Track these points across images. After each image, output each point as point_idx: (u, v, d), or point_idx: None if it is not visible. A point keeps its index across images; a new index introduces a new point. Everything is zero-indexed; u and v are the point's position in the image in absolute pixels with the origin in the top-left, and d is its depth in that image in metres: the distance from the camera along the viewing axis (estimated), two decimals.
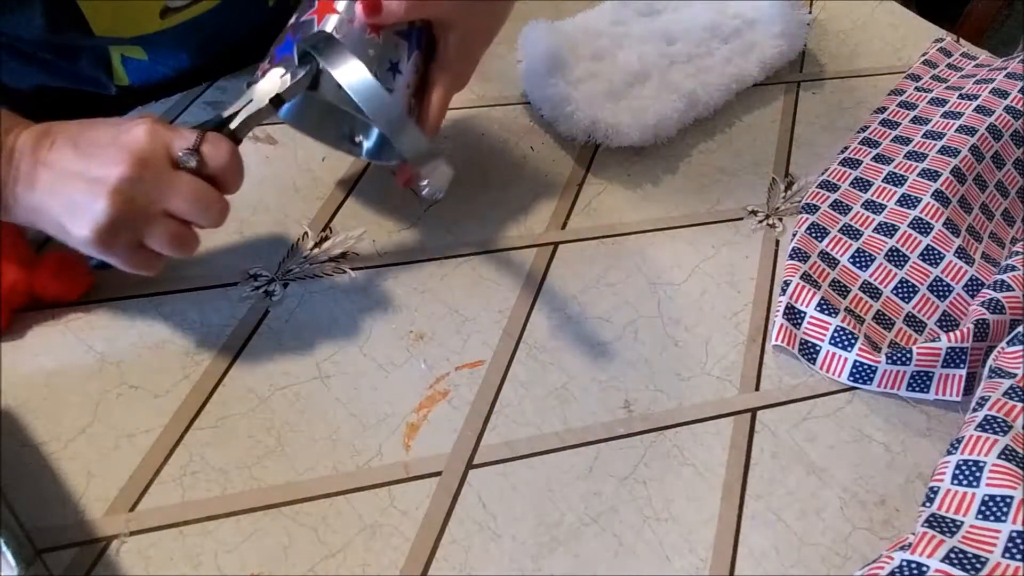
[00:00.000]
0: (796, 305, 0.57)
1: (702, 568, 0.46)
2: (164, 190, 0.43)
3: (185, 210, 0.44)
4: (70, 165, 0.43)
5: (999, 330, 0.53)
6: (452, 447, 0.50)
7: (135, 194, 0.42)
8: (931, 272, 0.59)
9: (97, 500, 0.46)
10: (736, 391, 0.54)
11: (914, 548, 0.43)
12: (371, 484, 0.48)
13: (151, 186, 0.43)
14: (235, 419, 0.49)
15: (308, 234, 0.60)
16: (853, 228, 0.62)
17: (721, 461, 0.50)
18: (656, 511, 0.48)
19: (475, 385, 0.53)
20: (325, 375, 0.52)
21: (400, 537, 0.46)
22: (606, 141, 0.67)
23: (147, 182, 0.43)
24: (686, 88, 0.69)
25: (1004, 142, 0.67)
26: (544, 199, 0.65)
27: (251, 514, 0.46)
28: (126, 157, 0.42)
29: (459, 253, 0.60)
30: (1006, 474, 0.43)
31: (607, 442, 0.51)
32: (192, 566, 0.44)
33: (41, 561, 0.43)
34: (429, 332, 0.55)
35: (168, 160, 0.44)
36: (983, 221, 0.63)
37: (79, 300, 0.54)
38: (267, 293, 0.56)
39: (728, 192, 0.67)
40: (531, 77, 0.70)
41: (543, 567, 0.45)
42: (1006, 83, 0.71)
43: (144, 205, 0.43)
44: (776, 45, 0.75)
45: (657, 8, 0.78)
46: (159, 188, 0.43)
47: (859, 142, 0.71)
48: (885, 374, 0.53)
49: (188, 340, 0.53)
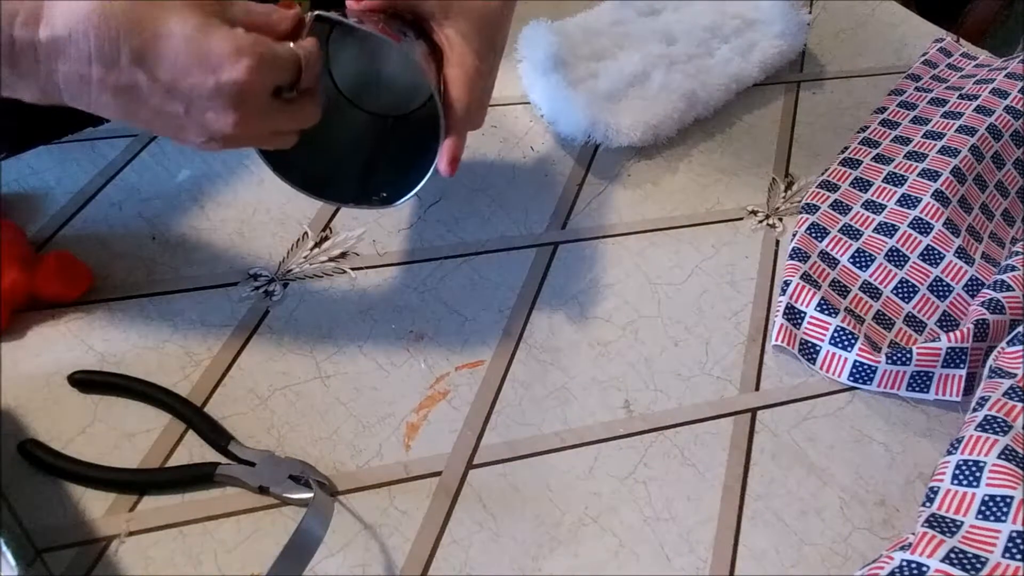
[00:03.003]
0: (796, 305, 0.57)
1: (702, 568, 0.46)
2: (269, 122, 0.43)
3: (293, 126, 0.44)
4: (161, 104, 0.39)
5: (999, 330, 0.53)
6: (452, 447, 0.50)
7: (242, 135, 0.42)
8: (931, 272, 0.59)
9: (97, 500, 0.46)
10: (736, 391, 0.54)
11: (914, 548, 0.43)
12: (371, 484, 0.48)
13: (259, 122, 0.42)
14: (235, 419, 0.49)
15: (308, 234, 0.60)
16: (853, 228, 0.62)
17: (721, 461, 0.50)
18: (656, 511, 0.48)
19: (475, 385, 0.53)
20: (325, 375, 0.52)
21: (400, 537, 0.46)
22: (606, 141, 0.67)
23: (253, 124, 0.41)
24: (686, 88, 0.69)
25: (1004, 142, 0.67)
26: (544, 199, 0.64)
27: (251, 514, 0.46)
28: (231, 106, 0.39)
29: (459, 253, 0.60)
30: (1006, 474, 0.43)
31: (607, 442, 0.51)
32: (192, 566, 0.44)
33: (41, 561, 0.43)
34: (429, 332, 0.55)
35: (269, 94, 0.41)
36: (983, 221, 0.63)
37: (79, 300, 0.54)
38: (267, 293, 0.56)
39: (728, 192, 0.67)
40: (531, 77, 0.70)
41: (543, 567, 0.45)
42: (1006, 83, 0.71)
43: (249, 139, 0.43)
44: (776, 45, 0.75)
45: (657, 8, 0.78)
46: (264, 122, 0.42)
47: (859, 142, 0.71)
48: (885, 374, 0.53)
49: (188, 340, 0.53)
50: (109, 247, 0.57)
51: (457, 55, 0.49)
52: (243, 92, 0.39)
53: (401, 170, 0.52)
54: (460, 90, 0.48)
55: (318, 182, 0.50)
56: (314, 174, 0.50)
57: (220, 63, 0.38)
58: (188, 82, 0.38)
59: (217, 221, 0.60)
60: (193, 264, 0.57)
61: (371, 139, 0.56)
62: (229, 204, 0.61)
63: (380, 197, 0.51)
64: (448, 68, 0.49)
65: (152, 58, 0.37)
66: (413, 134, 0.54)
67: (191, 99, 0.39)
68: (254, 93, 0.39)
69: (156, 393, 0.49)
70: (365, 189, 0.52)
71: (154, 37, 0.37)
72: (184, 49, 0.37)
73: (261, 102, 0.40)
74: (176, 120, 0.40)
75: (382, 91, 0.55)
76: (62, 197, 0.60)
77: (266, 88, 0.40)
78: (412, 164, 0.51)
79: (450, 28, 0.49)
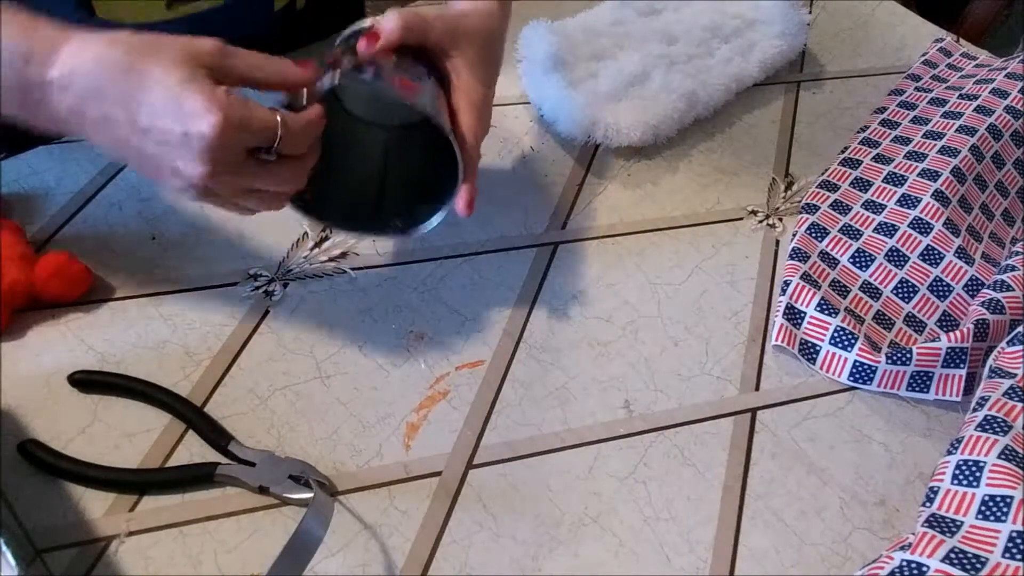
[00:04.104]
0: (796, 305, 0.57)
1: (702, 568, 0.46)
2: (243, 180, 0.43)
3: (271, 187, 0.45)
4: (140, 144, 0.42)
5: (999, 330, 0.53)
6: (452, 447, 0.50)
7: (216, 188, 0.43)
8: (931, 272, 0.59)
9: (97, 500, 0.46)
10: (736, 391, 0.54)
11: (914, 548, 0.43)
12: (371, 484, 0.48)
13: (231, 179, 0.43)
14: (235, 419, 0.49)
15: (308, 234, 0.60)
16: (853, 228, 0.62)
17: (721, 461, 0.50)
18: (656, 511, 0.48)
19: (475, 385, 0.53)
20: (325, 375, 0.52)
21: (400, 537, 0.46)
22: (606, 141, 0.67)
23: (225, 180, 0.42)
24: (686, 88, 0.69)
25: (1004, 142, 0.67)
26: (544, 199, 0.64)
27: (251, 514, 0.46)
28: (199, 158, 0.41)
29: (459, 253, 0.60)
30: (1006, 474, 0.43)
31: (607, 442, 0.51)
32: (192, 566, 0.44)
33: (41, 561, 0.43)
34: (429, 332, 0.55)
35: (243, 153, 0.42)
36: (983, 221, 0.63)
37: (79, 300, 0.54)
38: (267, 293, 0.56)
39: (728, 192, 0.67)
40: (531, 77, 0.70)
41: (543, 567, 0.45)
42: (1006, 83, 0.71)
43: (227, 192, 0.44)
44: (776, 45, 0.75)
45: (657, 8, 0.78)
46: (238, 179, 0.43)
47: (859, 142, 0.71)
48: (885, 374, 0.53)
49: (188, 340, 0.53)
50: (109, 247, 0.57)
51: (464, 84, 0.50)
52: (210, 147, 0.40)
53: (413, 188, 0.54)
54: (470, 121, 0.49)
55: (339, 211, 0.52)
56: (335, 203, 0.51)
57: (191, 116, 0.40)
58: (160, 128, 0.40)
59: (217, 221, 0.60)
60: (193, 264, 0.57)
61: (380, 155, 0.56)
62: None
63: (394, 226, 0.52)
64: (456, 97, 0.50)
65: (134, 102, 0.40)
66: (423, 148, 0.54)
67: (164, 144, 0.41)
68: (222, 149, 0.40)
69: (156, 393, 0.49)
70: (380, 212, 0.54)
71: (139, 84, 0.40)
72: (162, 97, 0.40)
73: (231, 159, 0.41)
74: (153, 161, 0.42)
75: (392, 108, 0.55)
76: (62, 197, 0.60)
77: (235, 146, 0.41)
78: (424, 182, 0.52)
79: (457, 58, 0.50)
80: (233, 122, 0.40)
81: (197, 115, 0.39)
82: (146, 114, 0.40)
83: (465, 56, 0.50)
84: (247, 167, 0.43)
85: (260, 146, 0.42)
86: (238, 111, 0.40)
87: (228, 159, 0.41)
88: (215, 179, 0.42)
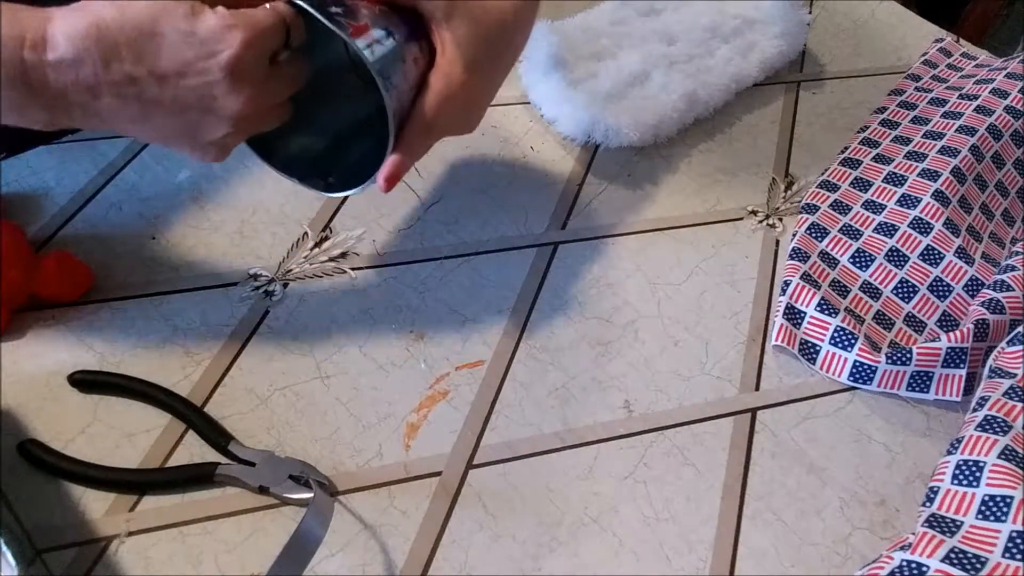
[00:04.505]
0: (796, 305, 0.57)
1: (702, 568, 0.46)
2: (271, 93, 0.43)
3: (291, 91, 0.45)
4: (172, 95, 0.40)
5: (999, 330, 0.53)
6: (452, 447, 0.50)
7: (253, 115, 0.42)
8: (931, 272, 0.59)
9: (97, 500, 0.46)
10: (736, 391, 0.54)
11: (914, 548, 0.43)
12: (371, 484, 0.48)
13: (263, 97, 0.42)
14: (235, 419, 0.49)
15: (308, 234, 0.60)
16: (853, 228, 0.62)
17: (721, 461, 0.50)
18: (656, 511, 0.48)
19: (475, 385, 0.53)
20: (325, 375, 0.52)
21: (400, 537, 0.46)
22: (606, 141, 0.67)
23: (259, 101, 0.42)
24: (686, 88, 0.69)
25: (1004, 142, 0.67)
26: (544, 199, 0.64)
27: (251, 514, 0.46)
28: (238, 82, 0.40)
29: (459, 253, 0.60)
30: (1006, 474, 0.43)
31: (607, 442, 0.51)
32: (192, 566, 0.44)
33: (41, 561, 0.43)
34: (429, 332, 0.55)
35: (267, 62, 0.42)
36: (983, 221, 0.63)
37: (79, 300, 0.54)
38: (267, 293, 0.56)
39: (728, 192, 0.67)
40: (531, 77, 0.70)
41: (543, 567, 0.45)
42: (1006, 83, 0.71)
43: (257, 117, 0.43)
44: (776, 45, 0.75)
45: (657, 8, 0.78)
46: (267, 94, 0.43)
47: (859, 142, 0.71)
48: (885, 374, 0.53)
49: (188, 340, 0.53)
50: (109, 247, 0.57)
51: (446, 62, 0.46)
52: (244, 64, 0.39)
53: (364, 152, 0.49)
54: (433, 101, 0.46)
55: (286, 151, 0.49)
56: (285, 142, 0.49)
57: (212, 40, 0.39)
58: (186, 63, 0.39)
59: (217, 221, 0.60)
60: (193, 264, 0.57)
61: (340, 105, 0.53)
62: (229, 204, 0.61)
63: (327, 182, 0.49)
64: (432, 75, 0.46)
65: (152, 55, 0.39)
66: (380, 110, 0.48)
67: (197, 78, 0.39)
68: (254, 63, 0.40)
69: (156, 393, 0.49)
70: (321, 163, 0.50)
71: (149, 35, 0.38)
72: (178, 39, 0.39)
73: (262, 72, 0.41)
74: (186, 111, 0.40)
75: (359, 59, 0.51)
76: (62, 197, 0.60)
77: (264, 56, 0.41)
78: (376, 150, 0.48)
79: (448, 31, 0.46)
80: (250, 31, 0.39)
81: (217, 38, 0.39)
82: (167, 57, 0.39)
83: (456, 33, 0.46)
84: (271, 76, 0.42)
85: (276, 48, 0.42)
86: (245, 19, 0.39)
87: (257, 74, 0.41)
88: (252, 103, 0.41)
